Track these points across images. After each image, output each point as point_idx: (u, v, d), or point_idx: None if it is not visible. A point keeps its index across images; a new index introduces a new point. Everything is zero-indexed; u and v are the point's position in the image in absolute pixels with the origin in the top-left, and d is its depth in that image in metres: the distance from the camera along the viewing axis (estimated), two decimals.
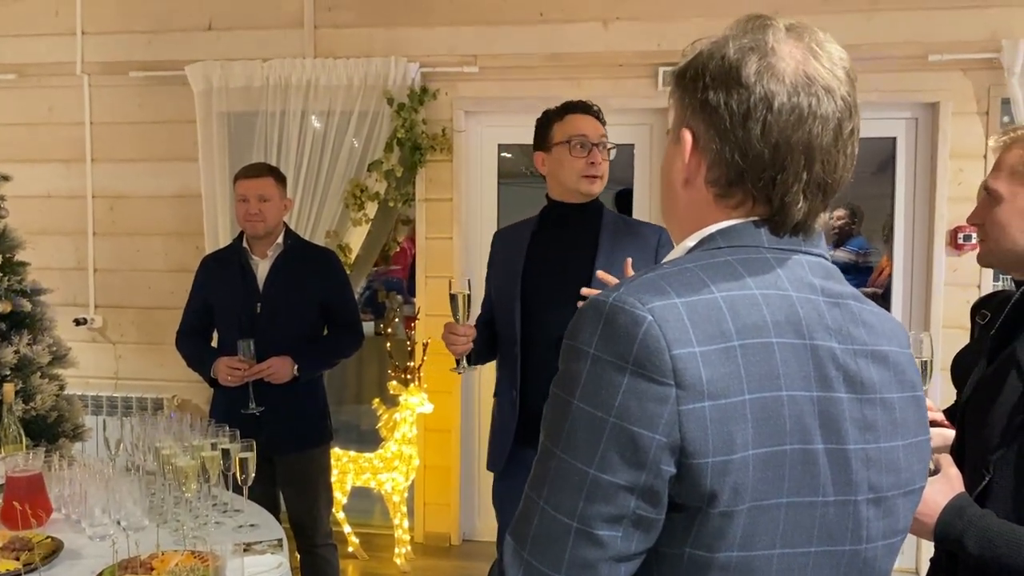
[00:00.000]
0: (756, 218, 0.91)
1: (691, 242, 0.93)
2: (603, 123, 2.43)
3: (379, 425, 4.02)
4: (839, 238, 5.74)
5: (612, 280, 2.07)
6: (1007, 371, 1.36)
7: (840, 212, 5.72)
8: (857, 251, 5.70)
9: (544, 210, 2.51)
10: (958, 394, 2.05)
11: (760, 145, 0.87)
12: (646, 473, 0.79)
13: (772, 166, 0.88)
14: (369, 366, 5.80)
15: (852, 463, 0.86)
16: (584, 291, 2.08)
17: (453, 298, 2.36)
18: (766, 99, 0.87)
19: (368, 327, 5.87)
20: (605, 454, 0.79)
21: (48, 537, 2.12)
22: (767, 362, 0.82)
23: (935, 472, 1.37)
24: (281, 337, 2.97)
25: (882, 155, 4.04)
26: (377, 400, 4.07)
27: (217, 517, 2.33)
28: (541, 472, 0.84)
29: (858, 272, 5.67)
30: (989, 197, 1.44)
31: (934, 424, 1.54)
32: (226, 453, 2.32)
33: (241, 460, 2.31)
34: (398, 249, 5.94)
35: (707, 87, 0.90)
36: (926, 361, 1.61)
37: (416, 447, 4.03)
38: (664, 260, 0.93)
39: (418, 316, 4.18)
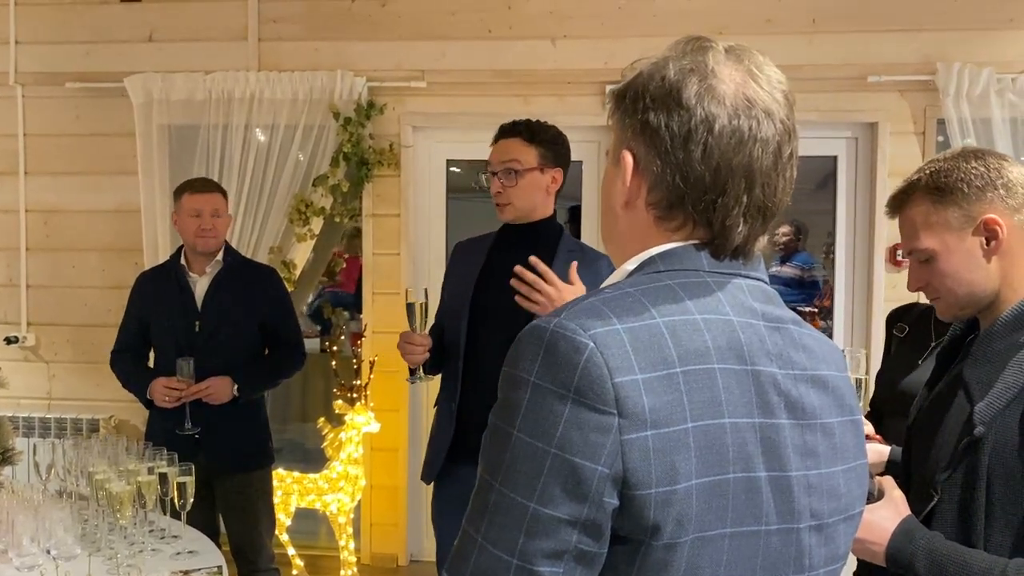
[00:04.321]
0: (696, 241, 0.90)
1: (631, 265, 0.91)
2: (529, 139, 2.38)
3: (324, 444, 3.94)
4: (785, 254, 5.84)
5: (543, 267, 2.10)
6: (954, 392, 1.37)
7: (785, 228, 5.82)
8: (802, 266, 5.80)
9: (501, 228, 2.52)
10: (872, 405, 2.08)
11: (701, 168, 0.87)
12: (588, 506, 0.76)
13: (713, 189, 0.87)
14: (314, 383, 5.70)
15: (795, 490, 0.86)
16: (532, 259, 2.12)
17: (410, 307, 2.34)
18: (707, 121, 0.86)
19: (314, 344, 5.79)
20: (546, 487, 0.76)
21: None
22: (710, 389, 0.81)
23: (878, 496, 1.37)
24: (220, 356, 2.90)
25: (823, 172, 4.13)
26: (322, 419, 4.00)
27: (154, 544, 2.26)
28: (479, 506, 0.81)
29: (802, 287, 5.78)
30: (917, 260, 1.42)
31: (867, 439, 1.56)
32: (163, 477, 2.25)
33: (179, 484, 2.24)
34: (344, 265, 5.87)
35: (647, 108, 0.89)
36: (860, 379, 1.63)
37: (362, 467, 3.96)
38: (604, 284, 0.92)
39: (365, 333, 4.13)
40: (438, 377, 2.58)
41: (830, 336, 4.06)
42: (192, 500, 2.27)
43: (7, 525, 2.13)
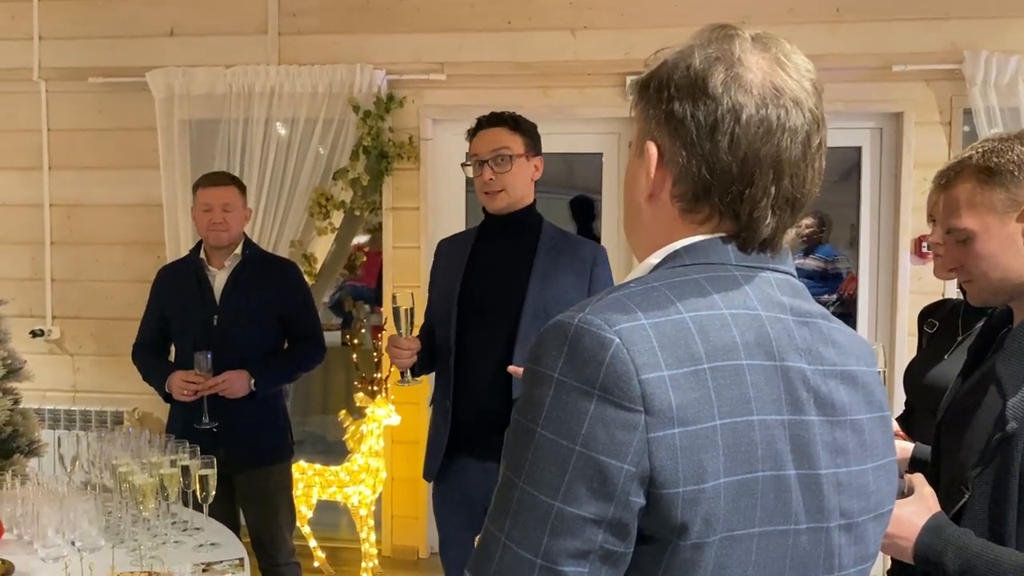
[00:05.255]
0: (723, 234, 0.88)
1: (655, 259, 0.90)
2: (514, 128, 2.42)
3: (346, 437, 3.95)
4: (808, 246, 5.79)
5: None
6: (986, 387, 1.35)
7: (808, 220, 5.76)
8: (826, 259, 5.75)
9: (482, 222, 2.53)
10: (908, 403, 2.06)
11: (728, 158, 0.85)
12: (614, 505, 0.75)
13: (740, 180, 0.85)
14: (336, 376, 5.73)
15: (824, 489, 0.84)
16: (511, 369, 2.15)
17: (396, 312, 2.37)
18: (734, 111, 0.84)
19: (335, 337, 5.81)
20: (571, 486, 0.75)
21: None
22: (738, 385, 0.79)
23: (908, 492, 1.35)
24: (239, 350, 2.90)
25: (847, 163, 4.07)
26: (344, 412, 4.00)
27: (176, 536, 2.27)
28: (503, 504, 0.79)
29: (826, 279, 5.72)
30: (955, 239, 1.39)
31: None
32: (185, 470, 2.26)
33: (201, 477, 2.25)
34: (364, 258, 5.87)
35: (672, 98, 0.87)
36: (881, 372, 1.60)
37: (383, 459, 3.97)
38: (628, 278, 0.90)
39: (384, 326, 4.13)
40: (429, 377, 2.59)
41: (853, 328, 4.02)
42: (214, 493, 2.27)
43: (32, 516, 2.16)
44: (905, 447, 1.69)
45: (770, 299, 0.86)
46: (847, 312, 4.49)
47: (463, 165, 2.50)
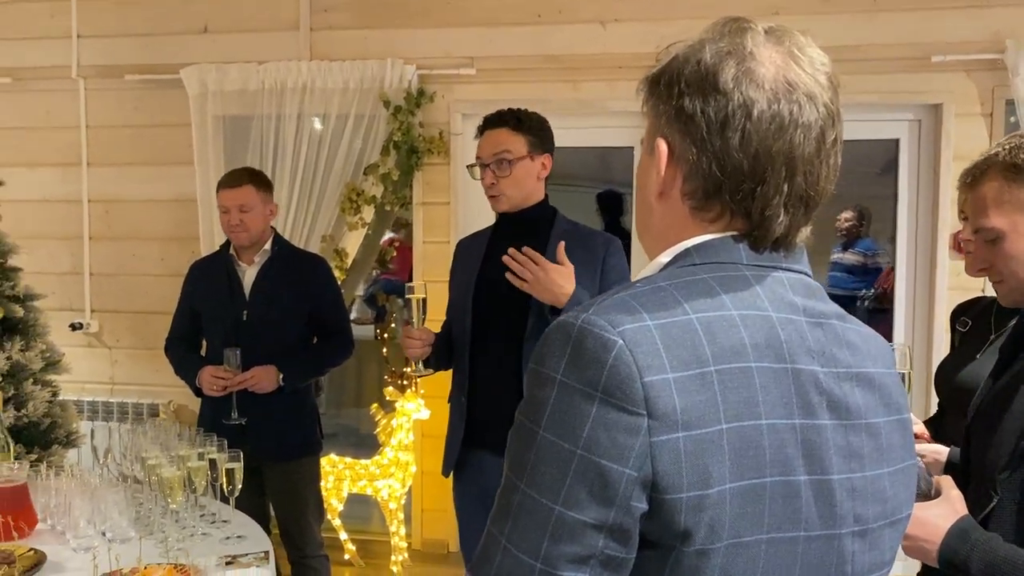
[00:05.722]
0: (734, 233, 0.86)
1: (665, 258, 0.88)
2: (516, 127, 2.40)
3: (377, 430, 3.98)
4: (847, 240, 5.69)
5: (531, 252, 2.21)
6: (1016, 388, 1.31)
7: (848, 214, 5.66)
8: (865, 253, 5.65)
9: (496, 221, 2.55)
10: (940, 404, 2.01)
11: (739, 155, 0.83)
12: (615, 510, 0.74)
13: (751, 177, 0.83)
14: (369, 370, 5.77)
15: (836, 494, 0.82)
16: (524, 249, 2.20)
17: (408, 302, 2.42)
18: (745, 106, 0.82)
19: (369, 331, 5.86)
20: (571, 489, 0.74)
21: (31, 549, 2.09)
22: (746, 388, 0.77)
23: (935, 495, 1.32)
24: (267, 345, 2.92)
25: (888, 156, 3.99)
26: (375, 405, 4.03)
27: (204, 528, 2.30)
28: (504, 507, 0.78)
29: (865, 274, 5.62)
30: (983, 239, 1.35)
31: (917, 438, 1.50)
32: (212, 463, 2.29)
33: (227, 471, 2.27)
34: (395, 253, 5.90)
35: (682, 94, 0.85)
36: (903, 374, 1.56)
37: (413, 453, 3.99)
38: (637, 277, 0.89)
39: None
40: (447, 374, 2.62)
41: (890, 325, 3.94)
42: (240, 486, 2.30)
43: (65, 507, 2.20)
44: (940, 450, 1.65)
45: (782, 300, 0.84)
46: (884, 307, 4.41)
47: (469, 167, 2.50)
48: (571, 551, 0.74)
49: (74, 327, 4.34)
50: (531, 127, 2.42)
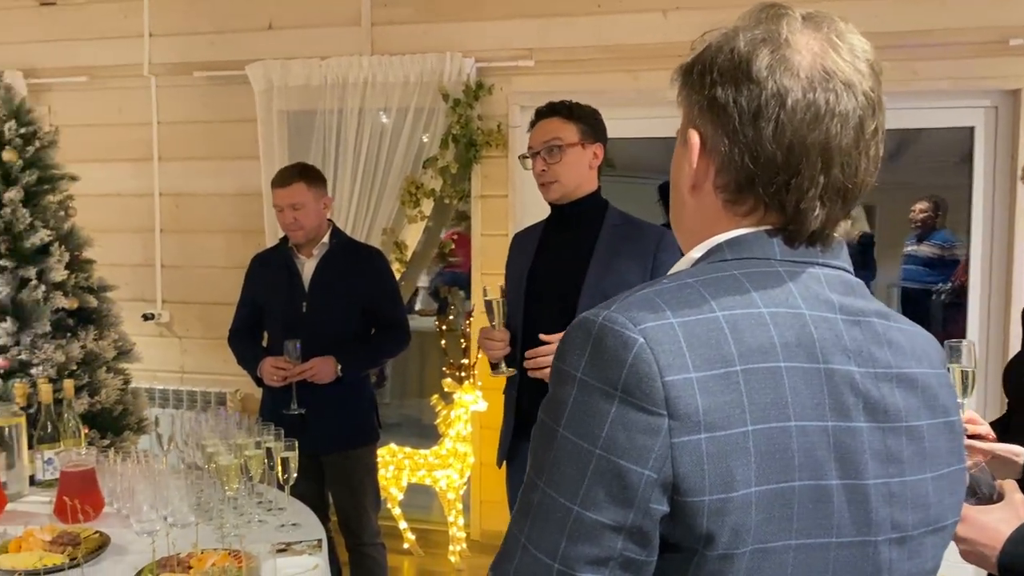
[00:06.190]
0: (768, 227, 0.83)
1: (697, 253, 0.86)
2: (568, 116, 2.40)
3: (437, 421, 4.02)
4: (922, 231, 5.49)
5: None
6: None
7: (923, 204, 5.47)
8: (942, 244, 5.44)
9: (549, 214, 2.54)
10: (1009, 404, 1.92)
11: (772, 146, 0.80)
12: (634, 512, 0.72)
13: (785, 169, 0.80)
14: (432, 361, 5.84)
15: (872, 500, 0.78)
16: (543, 337, 2.23)
17: (488, 304, 2.43)
18: (779, 95, 0.79)
19: (431, 322, 5.91)
20: (590, 490, 0.72)
21: (97, 532, 2.17)
22: (774, 389, 0.74)
23: (997, 499, 1.26)
24: (326, 336, 2.97)
25: (965, 145, 3.83)
26: (436, 396, 4.07)
27: (261, 515, 2.35)
28: (524, 506, 0.77)
29: (943, 266, 5.42)
30: None
31: (980, 438, 1.43)
32: (269, 452, 2.34)
33: (283, 459, 2.32)
34: (452, 246, 5.93)
35: (715, 83, 0.83)
36: (967, 372, 1.50)
37: (471, 444, 4.01)
38: (668, 272, 0.86)
39: (472, 314, 4.16)
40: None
41: (964, 320, 3.79)
42: (296, 475, 2.34)
43: (129, 492, 2.27)
44: (1018, 451, 1.57)
45: (816, 296, 0.81)
46: (960, 301, 4.24)
47: (521, 157, 2.50)
48: (589, 552, 0.73)
49: (146, 317, 4.48)
50: (582, 116, 2.42)
